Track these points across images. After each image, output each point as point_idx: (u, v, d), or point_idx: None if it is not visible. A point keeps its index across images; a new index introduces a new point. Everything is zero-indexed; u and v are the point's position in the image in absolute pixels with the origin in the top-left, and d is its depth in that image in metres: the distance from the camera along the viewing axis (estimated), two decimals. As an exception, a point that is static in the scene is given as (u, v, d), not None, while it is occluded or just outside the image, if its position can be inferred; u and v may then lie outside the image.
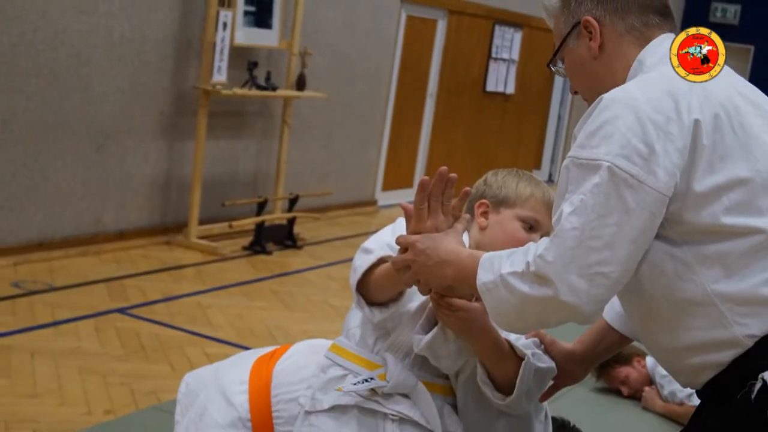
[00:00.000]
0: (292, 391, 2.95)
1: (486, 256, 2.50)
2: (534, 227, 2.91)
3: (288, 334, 6.82)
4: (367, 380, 2.82)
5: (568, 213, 2.36)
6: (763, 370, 2.33)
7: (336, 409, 2.83)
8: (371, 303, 2.84)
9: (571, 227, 2.34)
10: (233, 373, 3.09)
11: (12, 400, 5.22)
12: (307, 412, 2.86)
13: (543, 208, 2.91)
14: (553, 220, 2.43)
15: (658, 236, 2.39)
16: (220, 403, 3.01)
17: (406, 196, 11.67)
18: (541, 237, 2.74)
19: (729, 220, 2.36)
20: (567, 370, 3.00)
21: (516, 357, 2.82)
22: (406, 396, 2.83)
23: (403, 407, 2.82)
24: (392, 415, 2.82)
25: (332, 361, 2.90)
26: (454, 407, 2.92)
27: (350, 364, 2.87)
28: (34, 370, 5.65)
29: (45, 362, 5.77)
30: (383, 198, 12.32)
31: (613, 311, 2.96)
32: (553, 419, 3.29)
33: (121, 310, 6.94)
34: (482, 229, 2.94)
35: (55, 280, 7.44)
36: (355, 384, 2.82)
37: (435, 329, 2.77)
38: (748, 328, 2.36)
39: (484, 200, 2.96)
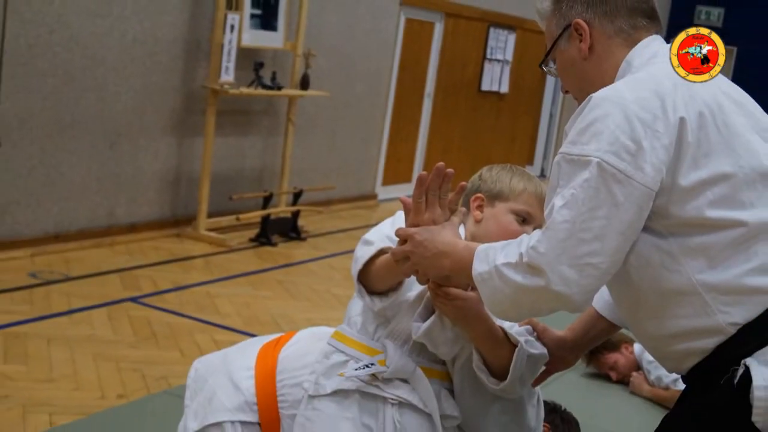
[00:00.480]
0: (297, 376, 2.95)
1: (481, 248, 2.50)
2: (527, 220, 2.91)
3: (292, 322, 6.82)
4: (368, 366, 2.82)
5: (560, 206, 2.36)
6: (746, 357, 2.34)
7: (338, 394, 2.83)
8: (372, 292, 2.85)
9: (563, 220, 2.34)
10: (240, 360, 3.09)
11: (29, 384, 5.22)
12: (311, 396, 2.86)
13: (535, 201, 2.91)
14: (545, 213, 2.43)
15: (645, 229, 2.40)
16: (227, 388, 3.01)
17: (405, 191, 11.67)
18: (534, 229, 2.74)
19: (713, 213, 2.36)
20: (558, 356, 3.00)
21: (510, 344, 2.83)
22: (405, 381, 2.84)
23: (402, 392, 2.82)
24: (392, 399, 2.82)
25: (335, 347, 2.90)
26: (451, 392, 2.92)
27: (352, 350, 2.87)
28: (50, 356, 5.65)
29: (61, 349, 5.78)
30: (383, 192, 12.32)
31: (602, 300, 2.96)
32: (545, 403, 3.29)
33: (133, 299, 6.94)
34: (477, 221, 2.94)
35: (71, 270, 7.45)
36: (356, 369, 2.82)
37: (432, 317, 2.77)
38: (731, 316, 2.36)
39: (479, 194, 2.96)
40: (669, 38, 2.59)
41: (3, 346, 5.70)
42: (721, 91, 2.48)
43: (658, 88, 2.40)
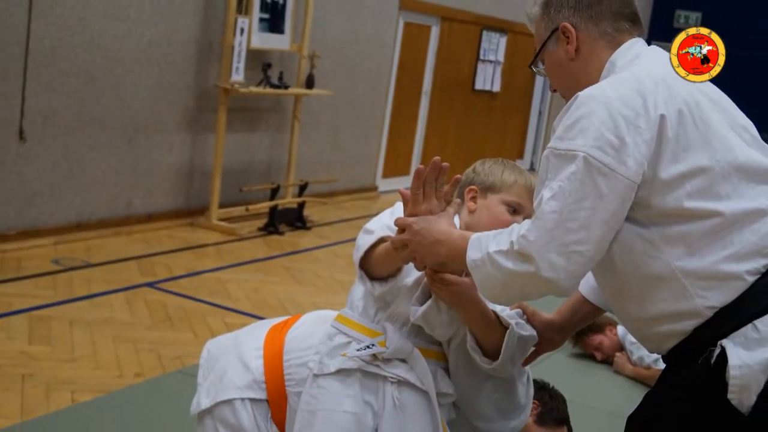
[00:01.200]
0: (302, 357, 2.95)
1: (475, 236, 2.50)
2: (517, 210, 2.91)
3: (298, 306, 6.82)
4: (369, 347, 2.82)
5: (548, 198, 2.36)
6: (722, 338, 2.34)
7: (341, 373, 2.83)
8: (373, 278, 2.84)
9: (551, 210, 2.34)
10: (250, 341, 3.09)
11: (53, 364, 5.22)
12: (316, 375, 2.86)
13: (525, 193, 2.91)
14: (534, 204, 2.44)
15: (628, 218, 2.40)
16: (237, 367, 3.01)
17: (404, 183, 11.66)
18: (524, 219, 2.74)
19: (691, 204, 2.37)
20: (547, 338, 3.00)
21: (501, 326, 2.83)
22: (403, 361, 2.83)
23: (401, 371, 2.82)
24: (391, 377, 2.82)
25: (338, 329, 2.90)
26: (447, 371, 2.92)
27: (354, 332, 2.87)
28: (72, 337, 5.65)
29: (82, 331, 5.78)
30: (383, 184, 12.31)
31: (587, 285, 2.96)
32: (535, 381, 3.29)
33: (150, 285, 6.94)
34: (471, 212, 2.94)
35: (91, 257, 7.45)
36: (358, 350, 2.82)
37: (429, 301, 2.77)
38: (708, 300, 2.37)
39: (473, 186, 2.95)
40: (650, 41, 2.59)
41: (28, 328, 5.71)
42: (698, 90, 2.48)
43: (640, 87, 2.40)
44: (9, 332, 5.61)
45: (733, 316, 2.35)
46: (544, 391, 4.49)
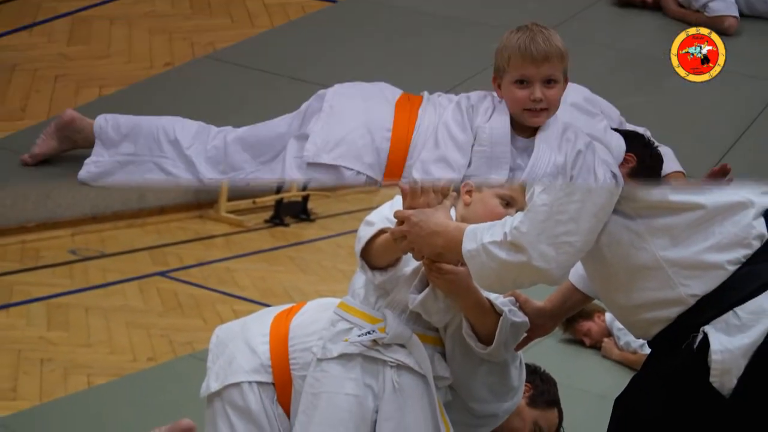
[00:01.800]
0: (306, 342, 2.95)
1: (470, 228, 2.51)
2: (510, 204, 2.90)
3: (303, 294, 6.81)
4: (369, 332, 2.82)
5: (540, 191, 2.37)
6: (704, 324, 2.34)
7: (343, 357, 2.83)
8: (373, 267, 2.84)
9: (542, 203, 2.35)
10: (257, 327, 3.09)
11: (70, 349, 5.23)
12: (319, 360, 2.86)
13: (518, 187, 2.91)
14: (527, 197, 2.44)
15: (615, 211, 2.40)
16: (245, 352, 3.01)
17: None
18: (517, 212, 2.74)
19: (675, 197, 2.37)
20: (538, 324, 3.00)
21: (495, 313, 2.83)
22: (402, 346, 2.83)
23: (400, 355, 2.82)
24: (391, 362, 2.82)
25: (340, 316, 2.90)
26: (443, 355, 2.92)
27: (355, 318, 2.87)
28: (88, 324, 5.65)
29: (97, 317, 5.78)
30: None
31: (577, 274, 2.96)
32: (527, 365, 3.29)
33: (162, 274, 6.94)
34: (467, 205, 2.93)
35: (106, 248, 7.44)
36: (359, 336, 2.82)
37: (427, 289, 2.77)
38: (691, 289, 2.37)
39: (468, 182, 2.96)
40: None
41: (46, 315, 5.70)
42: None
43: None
44: (28, 319, 5.61)
45: (715, 304, 2.35)
46: (535, 375, 4.47)
